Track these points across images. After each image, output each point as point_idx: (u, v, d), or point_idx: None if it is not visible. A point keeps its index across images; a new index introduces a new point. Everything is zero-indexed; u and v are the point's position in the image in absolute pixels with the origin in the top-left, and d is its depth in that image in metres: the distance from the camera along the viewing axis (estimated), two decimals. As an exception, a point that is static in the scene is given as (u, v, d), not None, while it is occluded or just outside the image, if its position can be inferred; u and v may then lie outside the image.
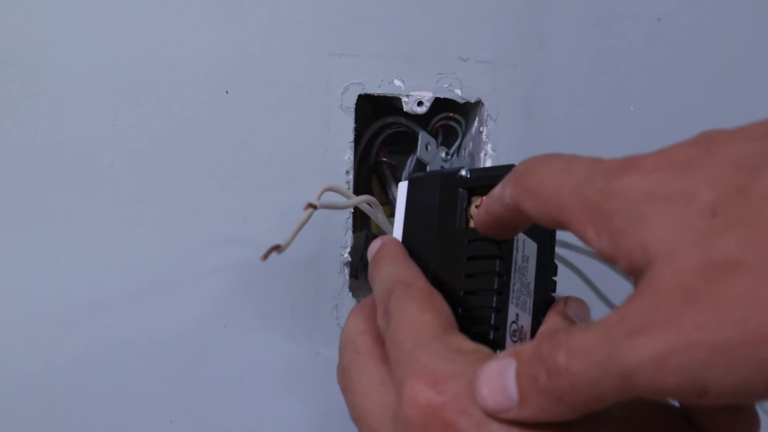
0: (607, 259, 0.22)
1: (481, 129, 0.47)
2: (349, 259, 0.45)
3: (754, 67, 0.51)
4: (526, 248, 0.33)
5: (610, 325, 0.20)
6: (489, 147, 0.47)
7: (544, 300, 0.35)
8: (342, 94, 0.45)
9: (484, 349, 0.27)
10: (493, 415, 0.23)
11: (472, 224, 0.33)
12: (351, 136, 0.45)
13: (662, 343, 0.19)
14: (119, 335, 0.43)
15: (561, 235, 0.37)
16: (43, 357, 0.42)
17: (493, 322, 0.31)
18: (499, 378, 0.23)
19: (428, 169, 0.48)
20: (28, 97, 0.41)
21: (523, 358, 0.23)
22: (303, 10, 0.44)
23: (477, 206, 0.33)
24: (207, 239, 0.43)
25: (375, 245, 0.35)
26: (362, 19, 0.45)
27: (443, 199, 0.34)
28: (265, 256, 0.33)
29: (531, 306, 0.34)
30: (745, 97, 0.50)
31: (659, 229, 0.20)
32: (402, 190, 0.37)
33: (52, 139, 0.42)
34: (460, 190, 0.34)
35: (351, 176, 0.45)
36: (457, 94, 0.46)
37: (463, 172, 0.34)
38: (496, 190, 0.28)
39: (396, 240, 0.35)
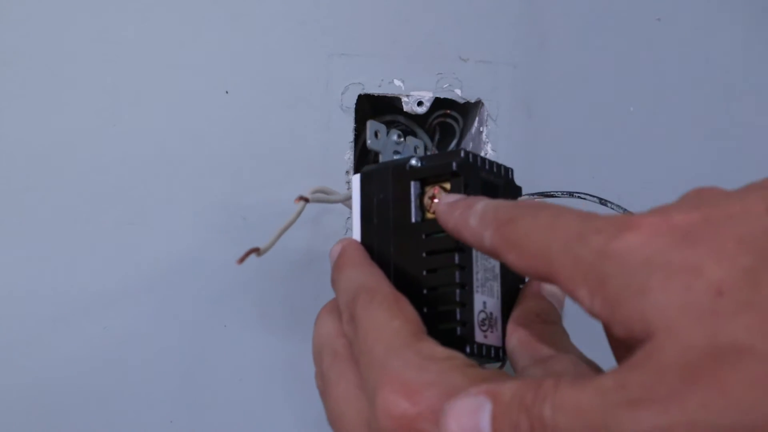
0: (599, 320, 0.22)
1: (481, 129, 0.47)
2: (349, 259, 0.45)
3: (755, 67, 0.51)
4: None
5: (606, 389, 0.20)
6: (489, 147, 0.47)
7: (514, 278, 0.34)
8: (342, 94, 0.45)
9: (457, 355, 0.26)
10: None
11: (429, 215, 0.33)
12: (351, 136, 0.45)
13: (664, 418, 0.19)
14: (119, 335, 0.42)
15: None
16: (42, 357, 0.42)
17: (459, 318, 0.31)
18: (471, 417, 0.22)
19: (381, 157, 0.47)
20: (28, 97, 0.41)
21: (502, 401, 0.22)
22: (303, 10, 0.44)
23: (430, 197, 0.33)
24: (207, 239, 0.43)
25: (335, 250, 0.35)
26: (362, 19, 0.45)
27: (396, 193, 0.34)
28: (242, 260, 0.32)
29: (498, 289, 0.33)
30: (745, 97, 0.51)
31: (661, 302, 0.20)
32: (355, 185, 0.36)
33: (52, 139, 0.41)
34: (412, 182, 0.33)
35: (351, 176, 0.45)
36: (457, 94, 0.46)
37: (414, 161, 0.33)
38: (472, 221, 0.27)
39: (356, 242, 0.35)
